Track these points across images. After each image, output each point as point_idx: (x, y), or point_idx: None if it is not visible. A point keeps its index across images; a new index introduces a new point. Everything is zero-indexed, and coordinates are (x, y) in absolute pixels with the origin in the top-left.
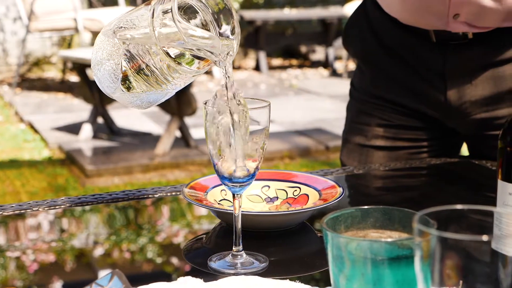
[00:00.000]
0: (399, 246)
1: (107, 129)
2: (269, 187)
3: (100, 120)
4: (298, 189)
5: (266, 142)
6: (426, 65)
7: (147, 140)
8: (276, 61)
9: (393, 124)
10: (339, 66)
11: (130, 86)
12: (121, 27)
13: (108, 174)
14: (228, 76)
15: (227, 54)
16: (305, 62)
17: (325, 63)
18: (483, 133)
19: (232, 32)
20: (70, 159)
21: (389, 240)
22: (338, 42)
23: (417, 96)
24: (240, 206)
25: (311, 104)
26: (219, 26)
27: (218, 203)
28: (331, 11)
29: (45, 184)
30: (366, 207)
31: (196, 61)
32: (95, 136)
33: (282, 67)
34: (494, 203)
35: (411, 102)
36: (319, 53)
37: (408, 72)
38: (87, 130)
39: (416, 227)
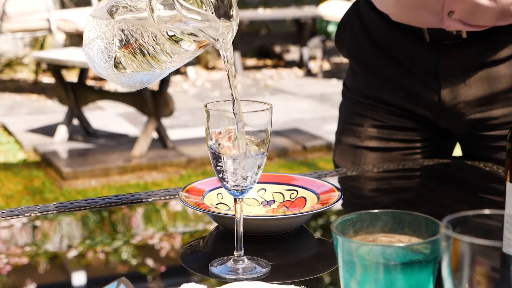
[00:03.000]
0: (413, 251)
1: (82, 130)
2: (265, 190)
3: (75, 121)
4: (295, 192)
5: (268, 144)
6: (419, 65)
7: (124, 141)
8: (251, 61)
9: (386, 125)
10: (313, 66)
11: (124, 66)
12: (116, 5)
13: (85, 176)
14: (228, 61)
15: (227, 37)
16: (280, 62)
17: (300, 63)
18: (477, 133)
19: (231, 15)
20: (45, 161)
21: (403, 244)
22: (313, 42)
23: (410, 96)
24: (241, 210)
25: (287, 104)
26: (217, 8)
27: (215, 207)
28: (305, 11)
29: (21, 187)
30: (375, 210)
31: (194, 42)
32: (71, 138)
33: (257, 67)
34: (489, 205)
35: (405, 102)
36: (293, 53)
37: (402, 72)
38: (62, 132)
39: (444, 232)
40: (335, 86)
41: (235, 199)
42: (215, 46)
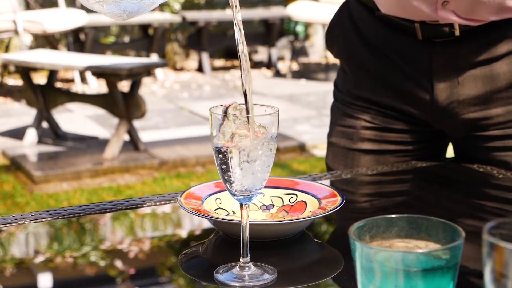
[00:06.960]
0: (434, 257)
1: (52, 133)
2: (263, 194)
3: (44, 124)
4: (294, 196)
5: (274, 149)
6: (412, 64)
7: (94, 144)
8: (219, 62)
9: (378, 126)
10: (282, 66)
11: None
12: None
13: (56, 180)
14: None
15: None
16: None
17: (268, 64)
18: (471, 134)
19: None
20: (15, 165)
21: (424, 251)
22: (281, 42)
23: (403, 96)
24: (248, 216)
25: None
26: None
27: (214, 212)
28: (273, 12)
29: None
30: (392, 215)
31: None
32: (40, 141)
33: (225, 68)
34: (486, 206)
35: (397, 103)
36: (261, 54)
37: (394, 71)
38: (31, 134)
39: (486, 239)
40: (304, 87)
41: (241, 204)
42: None
